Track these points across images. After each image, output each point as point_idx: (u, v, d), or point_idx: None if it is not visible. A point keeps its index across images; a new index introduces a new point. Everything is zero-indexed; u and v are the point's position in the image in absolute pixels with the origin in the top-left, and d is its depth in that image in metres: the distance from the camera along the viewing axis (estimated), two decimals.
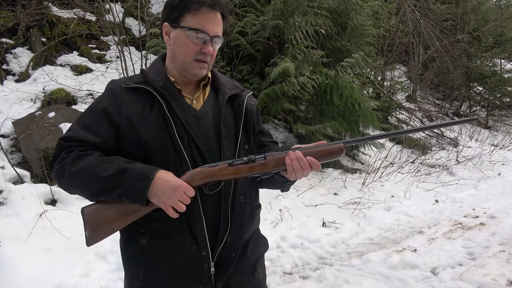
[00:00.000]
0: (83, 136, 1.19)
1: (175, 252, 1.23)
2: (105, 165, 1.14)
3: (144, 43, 5.05)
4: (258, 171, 1.20)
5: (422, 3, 9.65)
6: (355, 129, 5.78)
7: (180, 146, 1.20)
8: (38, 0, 6.02)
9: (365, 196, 4.97)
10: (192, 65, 1.24)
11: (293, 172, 1.18)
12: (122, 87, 1.24)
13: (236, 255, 1.28)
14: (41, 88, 5.05)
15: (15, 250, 2.89)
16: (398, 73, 9.82)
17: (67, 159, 1.16)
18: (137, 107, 1.21)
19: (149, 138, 1.19)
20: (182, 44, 1.23)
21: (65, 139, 1.21)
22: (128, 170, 1.13)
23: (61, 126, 4.17)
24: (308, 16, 5.02)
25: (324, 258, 3.51)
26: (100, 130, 1.20)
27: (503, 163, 7.32)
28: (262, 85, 5.04)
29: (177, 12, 1.22)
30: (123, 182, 1.12)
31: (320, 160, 1.19)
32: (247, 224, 1.32)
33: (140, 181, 1.12)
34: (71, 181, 1.18)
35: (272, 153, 1.21)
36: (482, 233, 4.08)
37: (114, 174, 1.12)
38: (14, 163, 4.01)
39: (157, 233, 1.23)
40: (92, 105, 1.27)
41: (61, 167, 1.17)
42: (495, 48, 11.35)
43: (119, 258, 2.94)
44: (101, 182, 1.13)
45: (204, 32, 1.21)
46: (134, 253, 1.27)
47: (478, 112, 11.55)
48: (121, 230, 1.30)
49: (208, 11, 1.21)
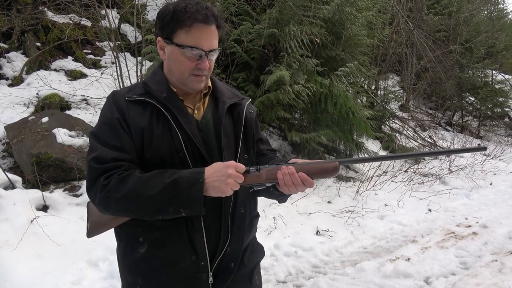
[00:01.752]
0: (112, 154, 1.15)
1: (174, 262, 1.22)
2: (151, 182, 1.11)
3: (140, 49, 5.05)
4: (251, 183, 1.19)
5: (415, 14, 9.80)
6: (349, 138, 5.81)
7: (186, 159, 1.18)
8: (33, 5, 6.01)
9: (359, 204, 4.98)
10: (189, 80, 1.22)
11: (285, 187, 1.17)
12: (126, 100, 1.21)
13: (235, 265, 1.27)
14: (35, 93, 5.02)
15: (5, 257, 2.84)
16: (392, 83, 9.93)
17: (110, 186, 1.12)
18: (143, 120, 1.19)
19: (156, 152, 1.17)
20: (177, 60, 1.21)
21: (96, 160, 1.15)
22: (178, 181, 1.10)
23: (55, 131, 4.14)
24: (303, 25, 5.07)
25: (318, 267, 3.50)
26: (123, 143, 1.16)
27: (494, 173, 7.38)
28: (257, 92, 5.06)
29: (169, 29, 1.19)
30: (176, 194, 1.10)
31: (313, 177, 1.17)
32: (246, 235, 1.32)
33: (193, 187, 1.10)
34: (120, 206, 1.14)
35: (267, 166, 1.19)
36: (475, 242, 4.10)
37: (165, 188, 1.10)
38: (5, 168, 3.96)
39: (157, 242, 1.21)
40: (102, 119, 1.22)
41: (105, 195, 1.13)
42: (487, 59, 11.54)
43: (111, 265, 2.92)
44: (153, 201, 1.10)
45: (198, 48, 1.17)
46: (132, 263, 1.25)
47: (470, 122, 11.69)
48: (119, 239, 1.29)
49: (201, 27, 1.17)
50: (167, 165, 1.17)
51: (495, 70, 12.16)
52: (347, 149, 6.25)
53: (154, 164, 1.17)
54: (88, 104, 5.21)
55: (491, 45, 12.29)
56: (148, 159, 1.18)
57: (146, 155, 1.18)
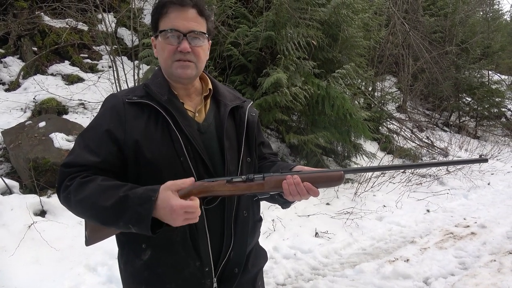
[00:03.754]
0: (83, 160, 1.15)
1: (177, 268, 1.20)
2: (108, 192, 1.09)
3: (137, 53, 5.05)
4: (255, 191, 1.17)
5: (411, 15, 9.85)
6: (347, 139, 5.82)
7: (188, 163, 1.17)
8: (29, 10, 6.00)
9: (357, 206, 4.98)
10: (173, 66, 1.21)
11: (290, 196, 1.16)
12: (124, 101, 1.20)
13: (239, 270, 1.26)
14: (32, 98, 5.01)
15: (3, 262, 2.82)
16: (389, 84, 9.96)
17: (71, 187, 1.12)
18: (141, 123, 1.17)
19: (155, 156, 1.15)
20: (161, 49, 1.22)
21: (66, 165, 1.17)
22: (129, 196, 1.07)
23: (52, 136, 4.12)
24: (300, 28, 5.08)
25: (317, 269, 3.49)
26: (101, 150, 1.15)
27: (492, 173, 7.41)
28: (254, 95, 5.06)
29: (154, 22, 1.23)
30: (127, 209, 1.06)
31: (318, 186, 1.17)
32: (250, 239, 1.31)
33: (143, 205, 1.05)
34: (78, 209, 1.14)
35: (271, 174, 1.18)
36: (473, 242, 4.11)
37: (117, 202, 1.07)
38: (2, 173, 3.95)
39: (160, 249, 1.19)
40: (93, 122, 1.22)
41: (66, 195, 1.13)
42: (483, 59, 11.60)
43: (109, 270, 2.91)
44: (105, 211, 1.08)
45: (174, 29, 1.18)
46: (135, 270, 1.23)
47: (467, 123, 11.73)
48: (121, 246, 1.27)
49: (177, 9, 1.19)
50: (167, 169, 1.15)
51: (491, 70, 12.24)
52: (345, 150, 6.26)
53: (153, 168, 1.16)
54: (85, 108, 5.20)
55: (487, 45, 12.36)
56: (147, 163, 1.16)
57: (145, 157, 1.16)
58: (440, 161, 2.38)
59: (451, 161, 1.26)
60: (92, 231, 1.21)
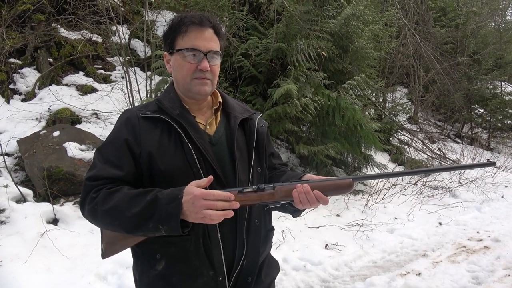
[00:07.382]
0: (107, 173, 1.19)
1: (191, 278, 1.22)
2: (136, 199, 1.13)
3: (149, 64, 5.14)
4: (266, 200, 1.20)
5: (422, 26, 9.83)
6: (357, 150, 5.79)
7: (200, 174, 1.20)
8: (46, 22, 6.17)
9: (368, 218, 4.93)
10: (192, 84, 1.25)
11: (300, 204, 1.19)
12: (139, 116, 1.25)
13: (252, 279, 1.28)
14: (47, 108, 5.11)
15: (16, 270, 2.86)
16: (399, 95, 9.92)
17: (97, 199, 1.16)
18: (154, 136, 1.22)
19: (169, 167, 1.19)
20: (179, 66, 1.25)
21: (90, 179, 1.20)
22: (158, 197, 1.12)
23: (65, 145, 4.20)
24: (310, 39, 5.12)
25: (327, 281, 3.46)
26: (122, 162, 1.19)
27: (506, 186, 7.27)
28: (264, 106, 5.10)
29: (170, 39, 1.26)
30: (156, 210, 1.10)
31: (327, 194, 1.19)
32: (262, 247, 1.32)
33: (170, 204, 1.10)
34: (106, 219, 1.17)
35: (281, 183, 1.20)
36: (487, 256, 4.03)
37: (146, 205, 1.11)
38: (17, 181, 4.02)
39: (174, 259, 1.21)
40: (110, 137, 1.26)
41: (92, 207, 1.16)
42: (495, 70, 11.48)
43: (119, 279, 2.93)
44: (135, 217, 1.12)
45: (195, 49, 1.22)
46: (150, 281, 1.25)
47: (479, 134, 11.57)
48: (136, 258, 1.29)
49: (197, 29, 1.23)
50: (180, 180, 1.18)
51: (504, 81, 12.09)
52: (355, 161, 6.23)
53: (167, 180, 1.19)
54: (98, 118, 5.28)
55: (500, 56, 12.24)
56: (161, 174, 1.20)
57: (159, 169, 1.19)
58: (448, 166, 2.38)
59: (459, 166, 1.27)
60: (108, 244, 1.23)
